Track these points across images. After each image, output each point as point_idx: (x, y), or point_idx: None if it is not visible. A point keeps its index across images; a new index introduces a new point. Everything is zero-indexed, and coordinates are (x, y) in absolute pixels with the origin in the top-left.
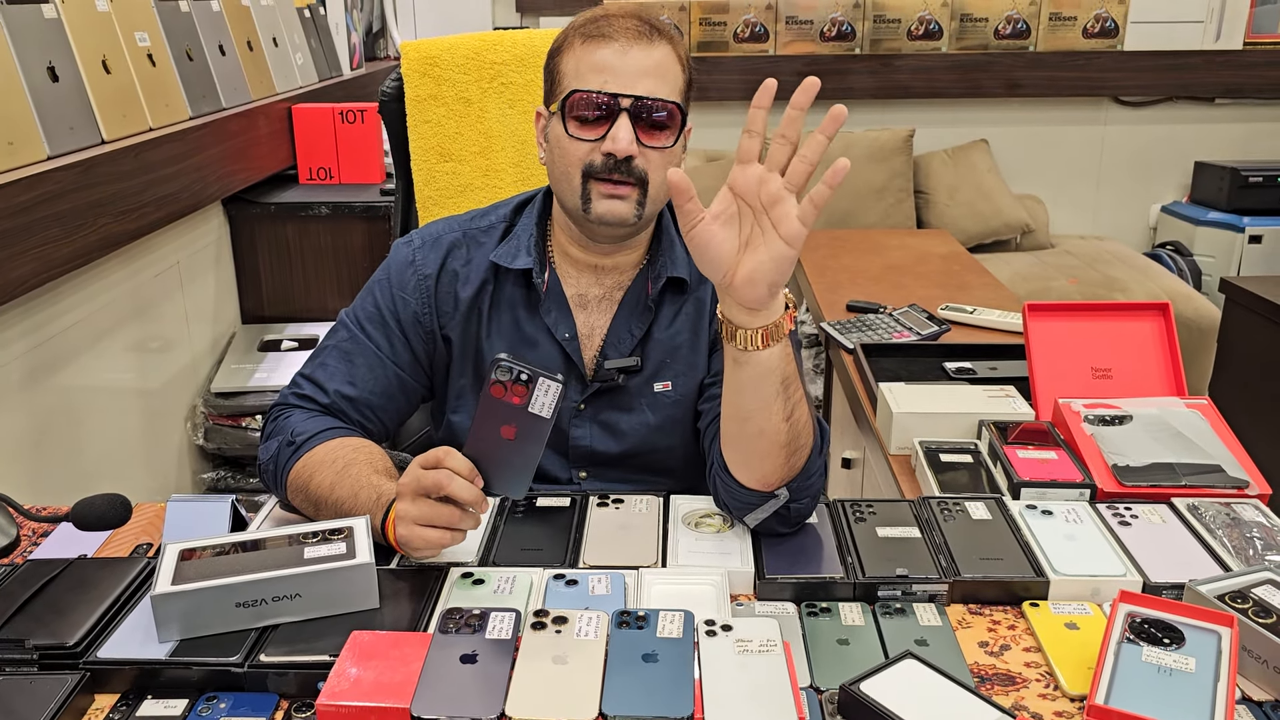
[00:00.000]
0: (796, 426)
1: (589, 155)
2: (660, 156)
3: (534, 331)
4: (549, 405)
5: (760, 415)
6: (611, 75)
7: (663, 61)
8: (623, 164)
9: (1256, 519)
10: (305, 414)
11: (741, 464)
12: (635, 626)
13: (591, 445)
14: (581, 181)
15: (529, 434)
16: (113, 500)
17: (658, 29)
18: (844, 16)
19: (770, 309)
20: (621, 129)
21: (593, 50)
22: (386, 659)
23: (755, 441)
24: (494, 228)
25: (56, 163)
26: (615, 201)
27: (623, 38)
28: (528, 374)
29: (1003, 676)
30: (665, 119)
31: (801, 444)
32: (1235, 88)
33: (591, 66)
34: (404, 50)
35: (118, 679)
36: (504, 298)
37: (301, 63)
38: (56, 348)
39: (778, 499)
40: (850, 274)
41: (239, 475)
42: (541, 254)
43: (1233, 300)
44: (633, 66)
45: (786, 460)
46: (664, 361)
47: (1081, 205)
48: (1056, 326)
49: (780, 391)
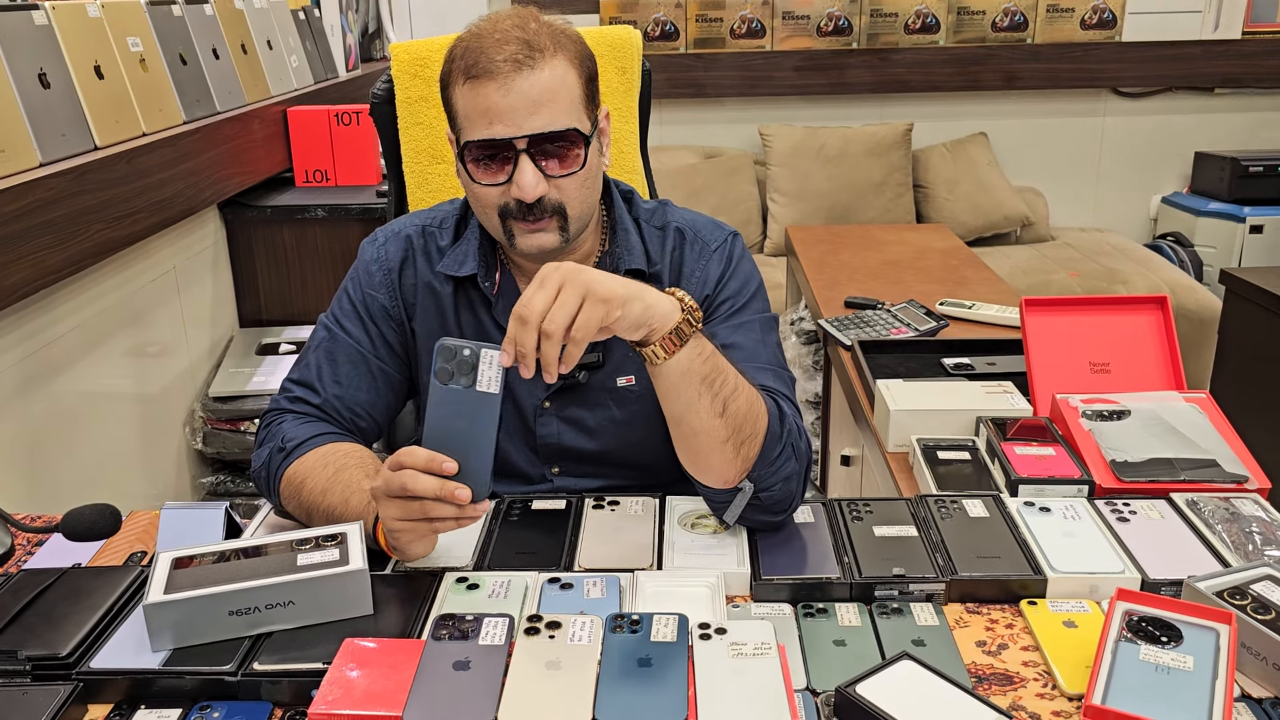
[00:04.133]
0: (736, 419)
1: (500, 199)
2: (574, 181)
3: (494, 331)
4: (495, 379)
5: (690, 417)
6: (500, 117)
7: (550, 84)
8: (535, 205)
9: (1256, 514)
10: (297, 419)
11: (693, 465)
12: (629, 631)
13: (560, 441)
14: (500, 221)
15: (481, 414)
16: (102, 510)
17: (537, 45)
18: (841, 11)
19: (656, 323)
20: (525, 174)
21: (475, 92)
22: (379, 666)
23: (694, 441)
24: (446, 224)
25: (49, 170)
26: (538, 235)
27: (503, 72)
28: (469, 349)
29: (1000, 676)
30: (567, 146)
31: (748, 434)
32: (1234, 77)
33: (478, 111)
34: (394, 52)
35: (111, 689)
36: (464, 299)
37: (296, 65)
38: (52, 355)
39: (744, 492)
40: (848, 270)
41: (238, 479)
42: (490, 256)
43: (1233, 291)
44: (520, 102)
45: (736, 454)
46: (626, 355)
47: (1081, 197)
48: (1054, 321)
49: (704, 391)
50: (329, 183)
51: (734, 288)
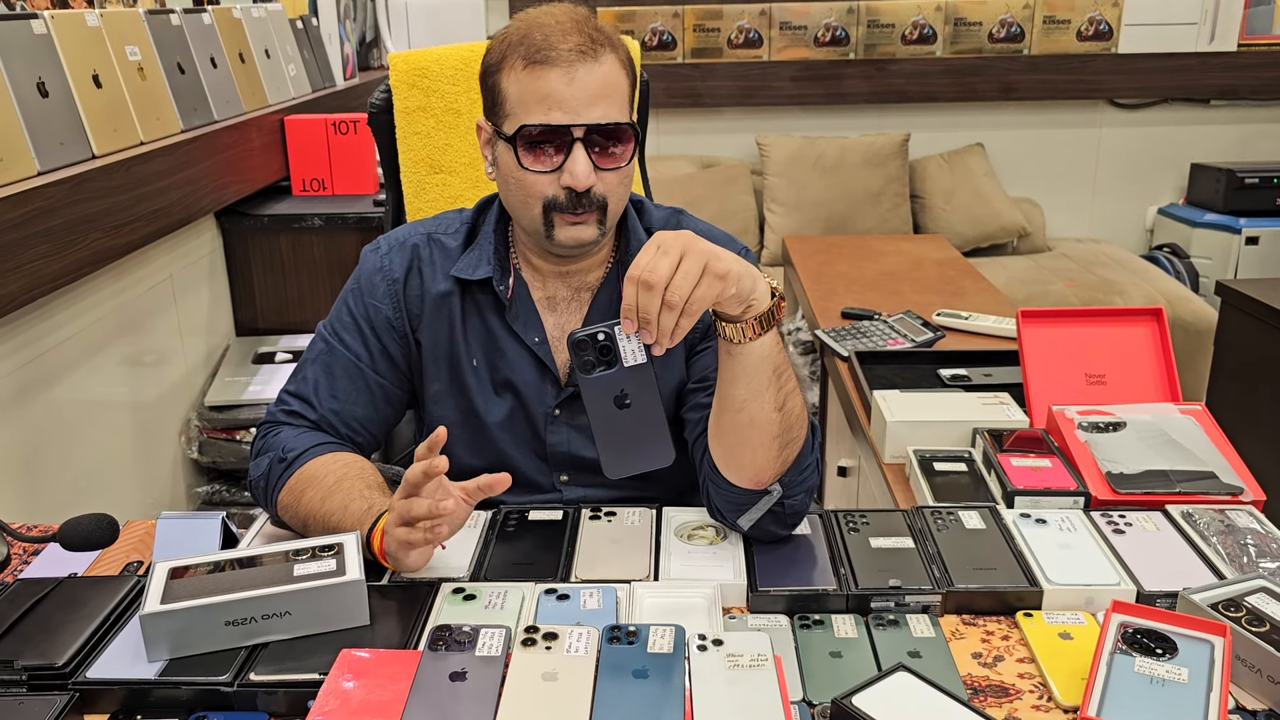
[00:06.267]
0: (789, 418)
1: (548, 189)
2: (617, 176)
3: (504, 337)
4: (638, 350)
5: (753, 404)
6: (560, 105)
7: (610, 78)
8: (583, 196)
9: (1251, 526)
10: (295, 430)
11: (733, 460)
12: (626, 642)
13: (570, 450)
14: (543, 212)
15: (639, 389)
16: (99, 520)
17: (600, 41)
18: (838, 21)
19: (756, 301)
20: (579, 162)
21: (536, 77)
22: (376, 677)
23: (747, 432)
24: (458, 231)
25: (47, 178)
26: (578, 228)
27: (567, 60)
28: (602, 333)
29: (996, 688)
30: (619, 142)
31: (794, 436)
32: (1230, 89)
33: (537, 96)
34: (392, 62)
35: (107, 699)
36: (474, 304)
37: (294, 74)
38: (48, 364)
39: (771, 495)
40: (845, 280)
41: (233, 488)
42: (504, 261)
43: (1229, 303)
44: (581, 92)
45: (779, 452)
46: None
47: (1078, 208)
48: (1050, 333)
49: (773, 380)
50: (326, 192)
51: None
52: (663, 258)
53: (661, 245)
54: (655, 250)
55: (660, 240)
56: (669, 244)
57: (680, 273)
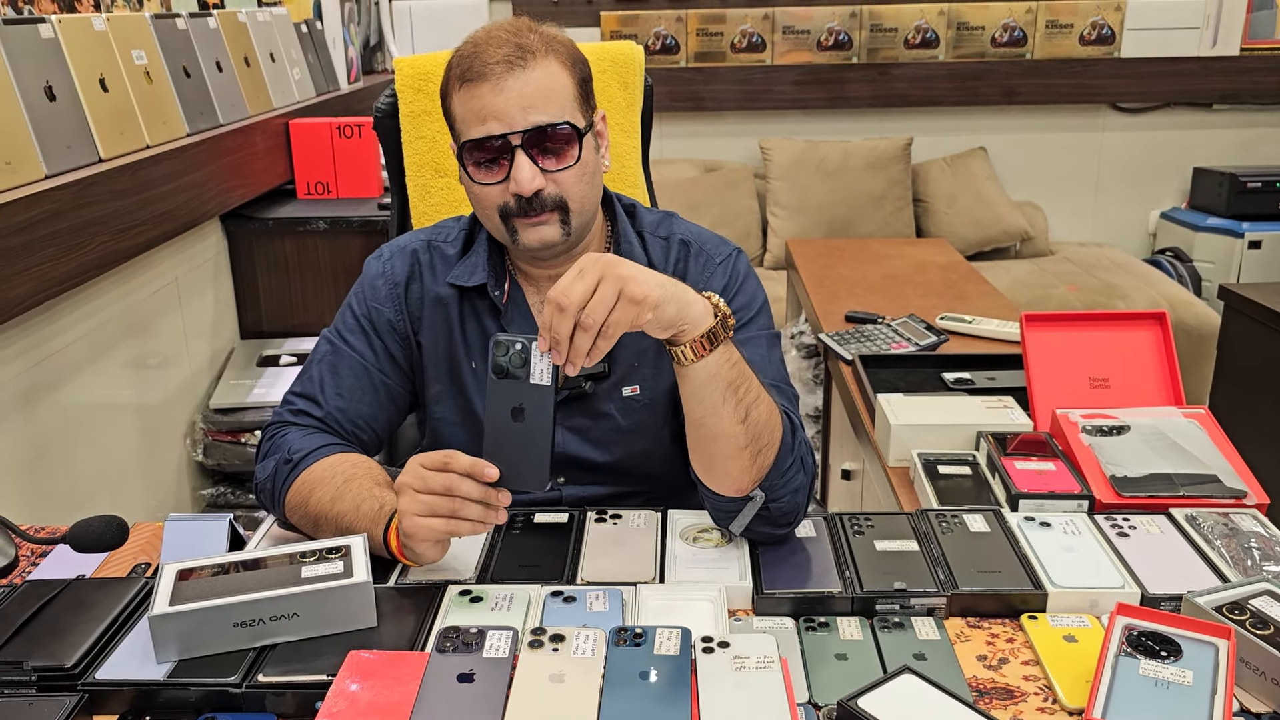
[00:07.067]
0: (756, 427)
1: (500, 198)
2: (571, 174)
3: None
4: (546, 371)
5: (711, 419)
6: (495, 115)
7: (544, 82)
8: (534, 199)
9: (1254, 529)
10: (301, 431)
11: (708, 471)
12: (632, 644)
13: (565, 451)
14: (502, 221)
15: (537, 408)
16: (109, 522)
17: (529, 48)
18: (841, 26)
19: (688, 325)
20: (521, 169)
21: (470, 94)
22: (384, 679)
23: (713, 446)
24: (455, 239)
25: (54, 182)
26: (540, 229)
27: (495, 74)
28: (521, 343)
29: (1001, 690)
30: (562, 141)
31: (765, 443)
32: (1232, 93)
33: (473, 112)
34: (398, 66)
35: (116, 700)
36: (471, 309)
37: (299, 78)
38: (54, 366)
39: (754, 501)
40: (849, 284)
41: (239, 491)
42: (500, 267)
43: (1231, 307)
44: (513, 101)
45: (752, 461)
46: (632, 366)
47: (1080, 212)
48: (1054, 337)
49: (728, 396)
50: (330, 195)
51: (740, 302)
52: (579, 281)
53: (582, 268)
54: (576, 273)
55: (582, 263)
56: (589, 267)
57: (596, 297)
